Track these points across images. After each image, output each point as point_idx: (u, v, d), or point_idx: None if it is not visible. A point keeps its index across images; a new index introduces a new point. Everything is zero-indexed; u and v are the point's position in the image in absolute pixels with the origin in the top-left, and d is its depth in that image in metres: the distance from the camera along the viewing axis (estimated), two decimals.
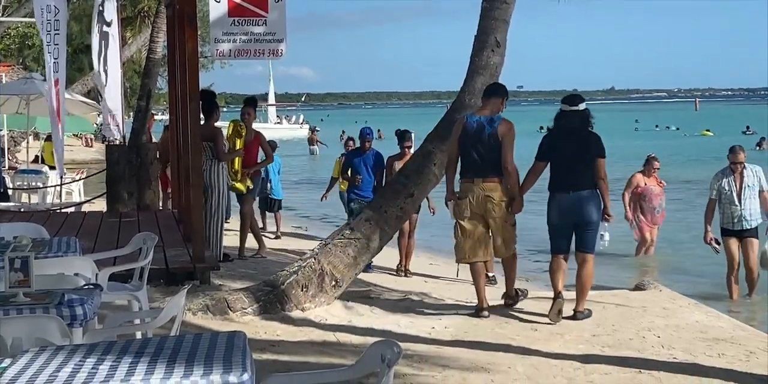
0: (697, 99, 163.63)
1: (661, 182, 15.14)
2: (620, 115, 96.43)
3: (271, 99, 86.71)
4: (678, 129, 62.09)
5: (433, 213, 13.02)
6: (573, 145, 8.40)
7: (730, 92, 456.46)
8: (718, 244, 11.70)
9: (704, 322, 8.34)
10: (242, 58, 15.42)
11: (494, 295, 9.88)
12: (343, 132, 61.53)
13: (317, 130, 61.20)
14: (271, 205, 16.96)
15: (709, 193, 11.63)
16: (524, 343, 7.47)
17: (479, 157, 8.44)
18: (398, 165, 11.76)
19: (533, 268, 13.62)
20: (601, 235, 8.84)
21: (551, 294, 9.85)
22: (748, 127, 66.83)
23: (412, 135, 12.73)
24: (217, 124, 11.25)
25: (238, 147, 11.30)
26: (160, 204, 15.00)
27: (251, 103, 12.30)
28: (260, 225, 17.66)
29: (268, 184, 16.03)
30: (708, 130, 68.93)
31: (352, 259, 8.60)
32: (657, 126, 70.82)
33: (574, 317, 8.36)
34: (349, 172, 12.65)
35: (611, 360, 6.94)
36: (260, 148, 12.16)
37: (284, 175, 39.19)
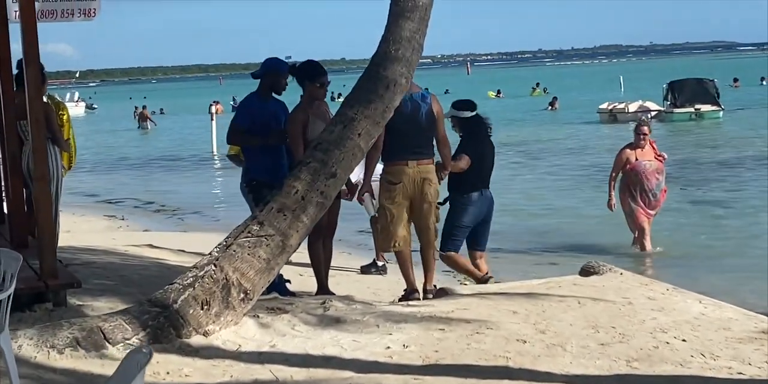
0: (468, 63, 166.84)
1: (660, 155, 12.23)
2: None
3: None
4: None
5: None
6: (489, 149, 8.95)
7: (489, 57, 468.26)
8: None
9: (710, 314, 6.75)
10: (47, 21, 12.60)
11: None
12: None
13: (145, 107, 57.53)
14: None
15: None
16: (524, 363, 5.66)
17: (415, 138, 8.03)
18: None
19: None
20: None
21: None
22: (537, 84, 69.40)
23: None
24: None
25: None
26: None
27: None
28: None
29: None
30: (493, 92, 69.16)
31: (264, 262, 6.52)
32: (447, 91, 69.59)
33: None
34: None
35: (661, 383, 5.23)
36: None
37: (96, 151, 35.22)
